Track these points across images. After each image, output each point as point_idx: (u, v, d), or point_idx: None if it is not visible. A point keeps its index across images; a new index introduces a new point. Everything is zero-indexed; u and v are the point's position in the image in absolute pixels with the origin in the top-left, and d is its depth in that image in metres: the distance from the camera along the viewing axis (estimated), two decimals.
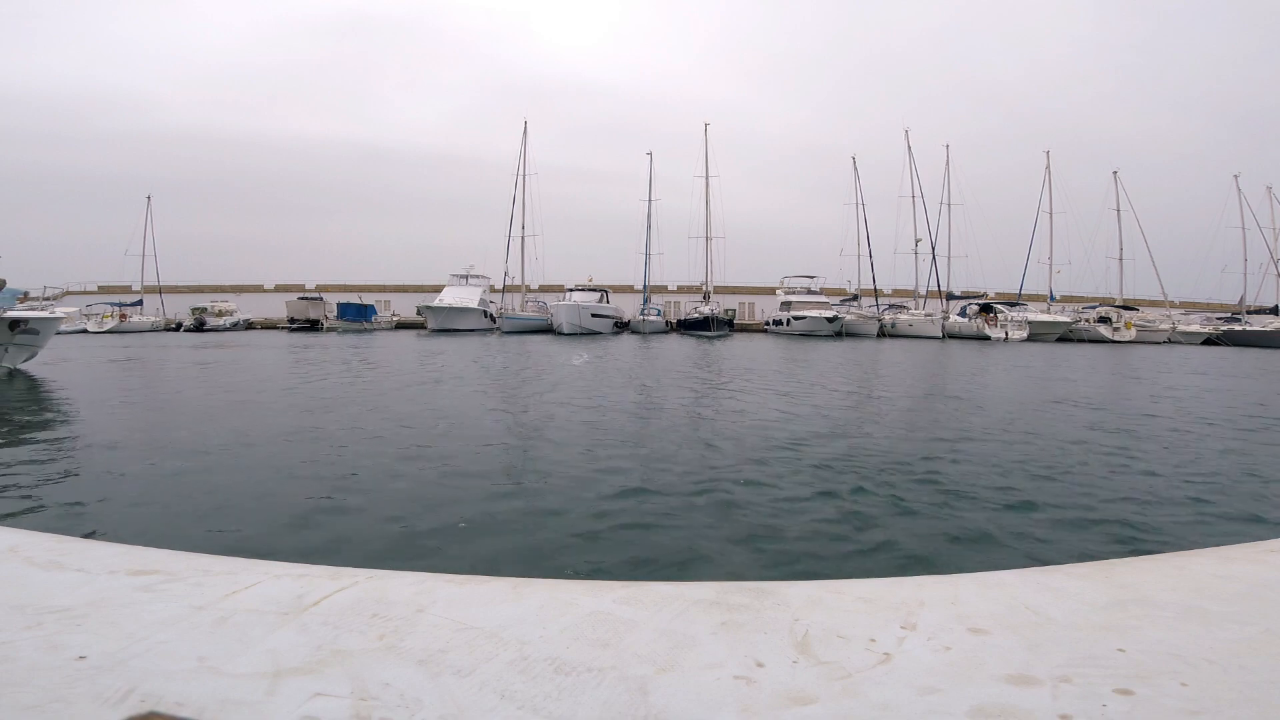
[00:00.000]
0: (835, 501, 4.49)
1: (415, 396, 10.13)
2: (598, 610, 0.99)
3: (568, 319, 34.39)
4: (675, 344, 28.23)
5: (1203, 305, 45.30)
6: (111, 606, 0.96)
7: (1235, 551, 1.33)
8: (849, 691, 0.78)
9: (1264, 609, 1.01)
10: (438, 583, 1.10)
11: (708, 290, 45.20)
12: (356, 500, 4.50)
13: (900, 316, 39.78)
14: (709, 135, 45.46)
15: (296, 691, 0.75)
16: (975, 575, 1.18)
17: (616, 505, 4.35)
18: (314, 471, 5.29)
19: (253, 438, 6.66)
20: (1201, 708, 0.73)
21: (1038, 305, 40.42)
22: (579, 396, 10.13)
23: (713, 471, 5.27)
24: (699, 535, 3.83)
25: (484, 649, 0.86)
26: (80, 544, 1.34)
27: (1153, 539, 3.85)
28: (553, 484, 4.92)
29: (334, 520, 4.11)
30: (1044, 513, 4.32)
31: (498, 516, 4.16)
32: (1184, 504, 4.61)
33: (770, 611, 1.00)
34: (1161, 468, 5.71)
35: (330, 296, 43.68)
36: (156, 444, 6.42)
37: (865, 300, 43.37)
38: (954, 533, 3.91)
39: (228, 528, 3.93)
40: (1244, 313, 40.71)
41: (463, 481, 4.98)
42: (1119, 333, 36.30)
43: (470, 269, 42.94)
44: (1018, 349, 27.73)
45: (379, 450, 6.07)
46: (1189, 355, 25.79)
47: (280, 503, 4.47)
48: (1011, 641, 0.90)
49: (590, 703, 0.74)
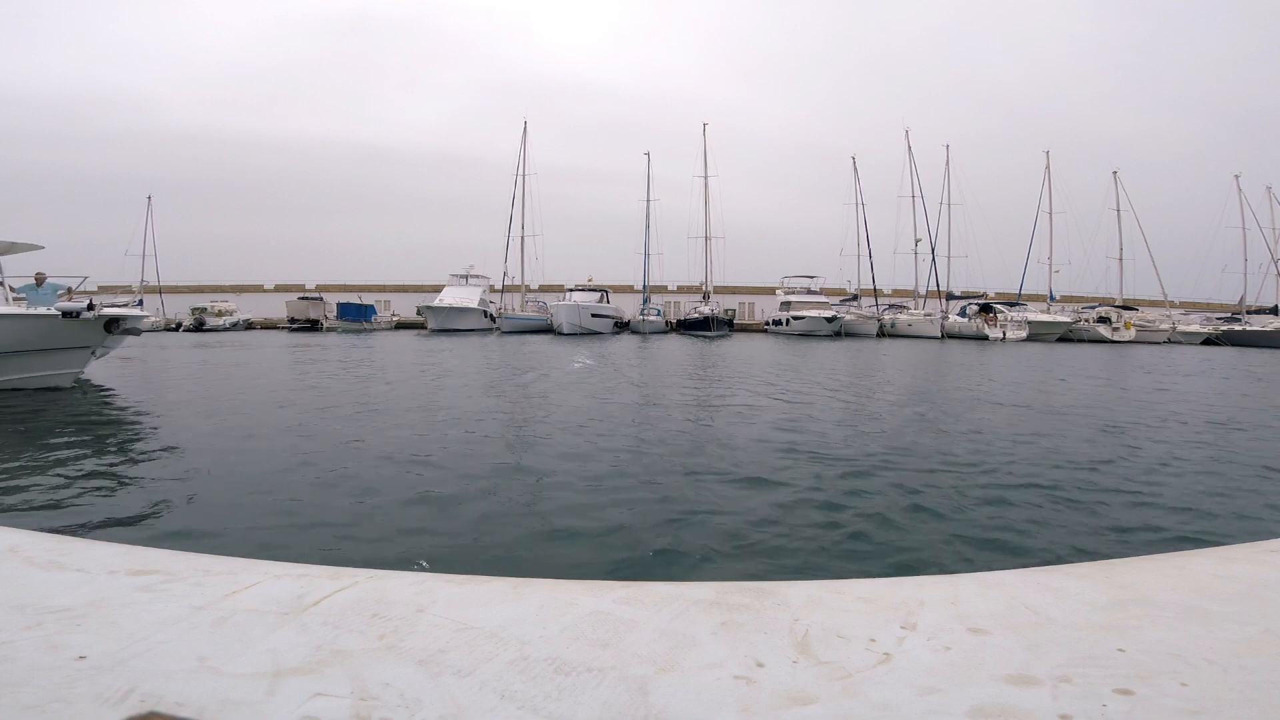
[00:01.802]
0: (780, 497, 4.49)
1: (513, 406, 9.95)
2: (598, 610, 0.99)
3: (568, 319, 34.39)
4: (675, 344, 28.24)
5: (1203, 305, 45.32)
6: (111, 606, 0.96)
7: (1235, 551, 1.33)
8: (849, 691, 0.78)
9: (1264, 609, 1.01)
10: (438, 583, 1.10)
11: (707, 290, 45.22)
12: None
13: (900, 316, 39.80)
14: (708, 135, 45.60)
15: (296, 691, 0.75)
16: (975, 575, 1.18)
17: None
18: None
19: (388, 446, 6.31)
20: (1201, 708, 0.73)
21: (1037, 305, 40.45)
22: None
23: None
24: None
25: (484, 649, 0.86)
26: (80, 544, 1.34)
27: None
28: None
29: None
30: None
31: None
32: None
33: (770, 611, 1.00)
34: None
35: (330, 296, 43.70)
36: (314, 456, 5.93)
37: (865, 300, 43.39)
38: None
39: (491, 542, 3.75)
40: (1244, 313, 40.73)
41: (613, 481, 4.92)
42: (1118, 333, 36.32)
43: (470, 269, 42.97)
44: (1016, 349, 27.73)
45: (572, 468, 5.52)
46: (1186, 355, 25.80)
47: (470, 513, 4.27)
48: (1011, 641, 0.90)
49: (590, 703, 0.74)
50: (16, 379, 10.16)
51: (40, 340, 10.08)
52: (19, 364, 10.10)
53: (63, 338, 10.20)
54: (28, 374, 10.21)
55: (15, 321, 10.01)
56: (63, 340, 10.25)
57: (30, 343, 10.02)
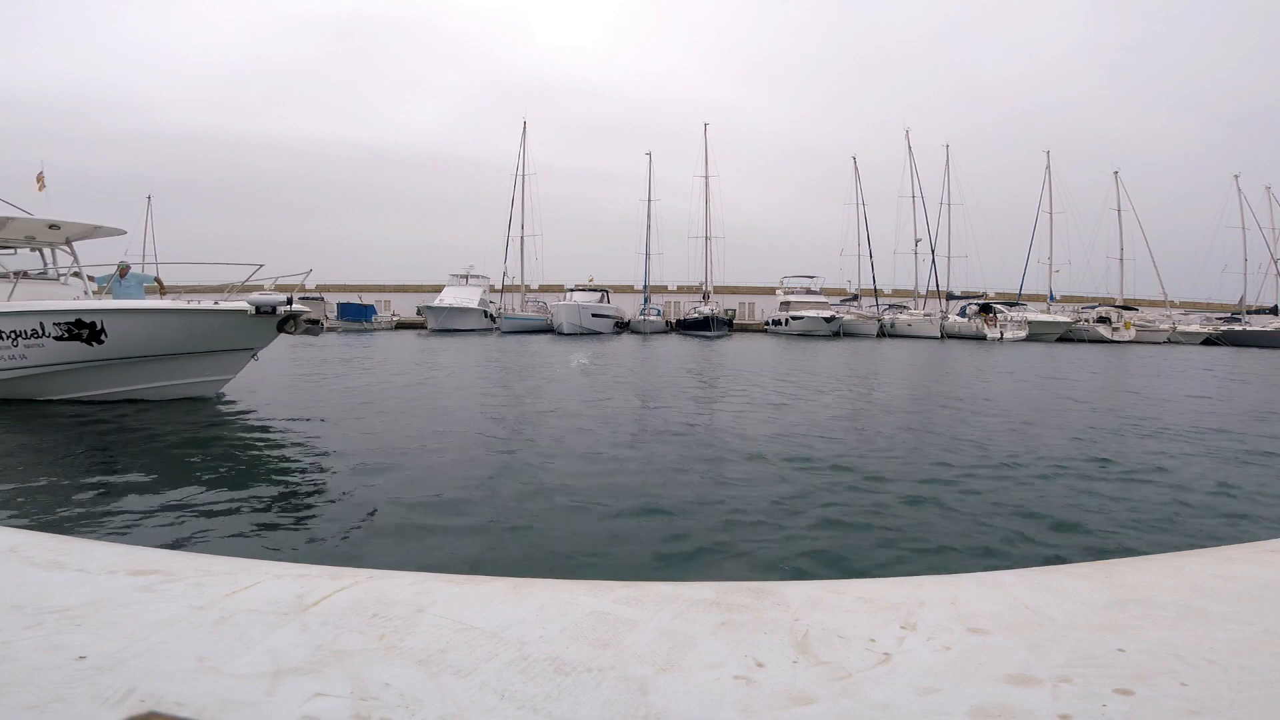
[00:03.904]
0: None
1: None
2: (598, 610, 0.99)
3: (568, 319, 34.40)
4: (674, 344, 28.23)
5: (1203, 305, 45.30)
6: (111, 606, 0.96)
7: (1235, 551, 1.33)
8: (849, 691, 0.78)
9: (1264, 609, 1.01)
10: (437, 583, 1.10)
11: (707, 290, 45.23)
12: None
13: (900, 317, 39.85)
14: (708, 135, 45.47)
15: (296, 691, 0.75)
16: (975, 575, 1.18)
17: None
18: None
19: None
20: (1201, 708, 0.73)
21: (1038, 305, 40.46)
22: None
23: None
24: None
25: (484, 649, 0.86)
26: (80, 544, 1.34)
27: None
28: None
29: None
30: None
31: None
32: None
33: (770, 611, 1.00)
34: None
35: (330, 296, 43.62)
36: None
37: (865, 300, 43.41)
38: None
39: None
40: (1244, 313, 40.76)
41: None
42: (1118, 333, 36.34)
43: (470, 269, 42.96)
44: (1015, 349, 27.74)
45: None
46: (1188, 355, 25.81)
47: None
48: (1011, 641, 0.90)
49: (590, 703, 0.74)
50: (154, 388, 8.03)
51: (206, 341, 7.98)
52: (163, 369, 7.96)
53: (231, 338, 8.05)
54: (172, 381, 8.08)
55: (191, 318, 7.77)
56: (230, 341, 8.08)
57: (192, 344, 7.93)
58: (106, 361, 7.70)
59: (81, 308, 7.57)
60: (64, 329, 7.45)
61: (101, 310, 7.58)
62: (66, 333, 7.47)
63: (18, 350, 7.56)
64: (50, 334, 7.47)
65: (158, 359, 7.89)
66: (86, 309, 7.55)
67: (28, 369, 7.64)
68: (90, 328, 7.48)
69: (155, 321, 7.75)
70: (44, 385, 7.81)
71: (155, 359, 7.88)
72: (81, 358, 7.62)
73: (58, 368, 7.66)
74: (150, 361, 7.88)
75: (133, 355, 7.76)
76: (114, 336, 7.57)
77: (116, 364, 7.76)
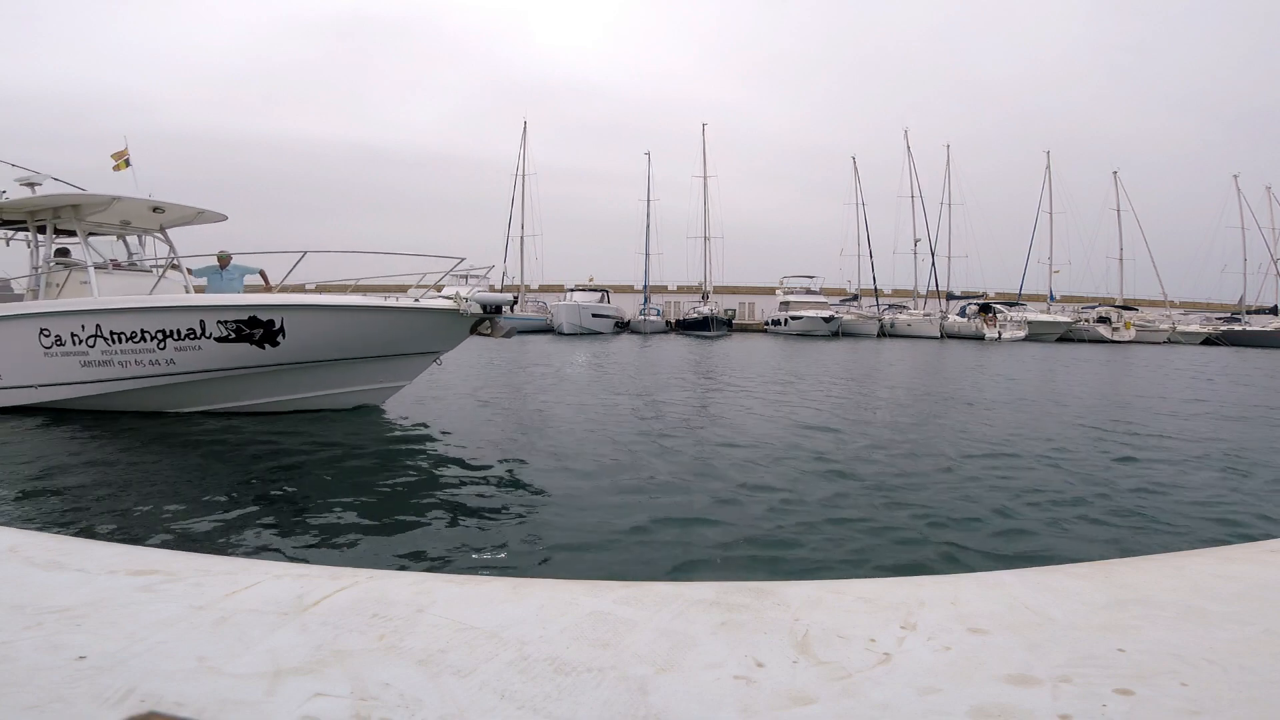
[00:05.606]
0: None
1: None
2: (598, 610, 0.99)
3: (568, 319, 34.41)
4: (674, 344, 28.24)
5: (1203, 305, 45.33)
6: (111, 606, 0.96)
7: (1235, 551, 1.33)
8: (849, 691, 0.78)
9: (1264, 609, 1.01)
10: (437, 583, 1.10)
11: (707, 290, 45.25)
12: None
13: (899, 316, 39.90)
14: (707, 135, 45.51)
15: (296, 691, 0.75)
16: (975, 575, 1.18)
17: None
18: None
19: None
20: (1201, 708, 0.73)
21: (1038, 305, 40.49)
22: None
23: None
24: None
25: (484, 649, 0.86)
26: (80, 544, 1.34)
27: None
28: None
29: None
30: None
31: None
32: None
33: (770, 611, 1.00)
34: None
35: None
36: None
37: (865, 300, 43.44)
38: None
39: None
40: (1244, 313, 40.79)
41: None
42: (1118, 333, 36.37)
43: (470, 269, 42.94)
44: (1014, 349, 27.74)
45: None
46: (1185, 355, 25.80)
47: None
48: (1011, 641, 0.90)
49: (590, 703, 0.74)
50: (328, 395, 6.93)
51: (398, 343, 6.91)
52: (339, 376, 6.87)
53: (424, 340, 6.97)
54: (346, 389, 6.98)
55: (391, 317, 6.60)
56: (422, 343, 7.01)
57: (382, 346, 6.85)
58: (277, 367, 6.50)
59: (258, 303, 6.31)
60: (231, 328, 6.19)
61: (282, 306, 6.30)
62: (234, 333, 6.20)
63: (164, 354, 6.31)
64: (212, 334, 6.21)
65: (334, 364, 6.72)
66: (263, 304, 6.30)
67: (174, 375, 6.41)
68: (266, 327, 6.23)
69: (348, 320, 6.49)
70: (187, 395, 6.61)
71: (332, 364, 6.71)
72: (249, 362, 6.39)
73: (213, 374, 6.44)
74: (326, 367, 6.71)
75: (309, 360, 6.57)
76: (293, 338, 6.30)
77: (288, 369, 6.57)
